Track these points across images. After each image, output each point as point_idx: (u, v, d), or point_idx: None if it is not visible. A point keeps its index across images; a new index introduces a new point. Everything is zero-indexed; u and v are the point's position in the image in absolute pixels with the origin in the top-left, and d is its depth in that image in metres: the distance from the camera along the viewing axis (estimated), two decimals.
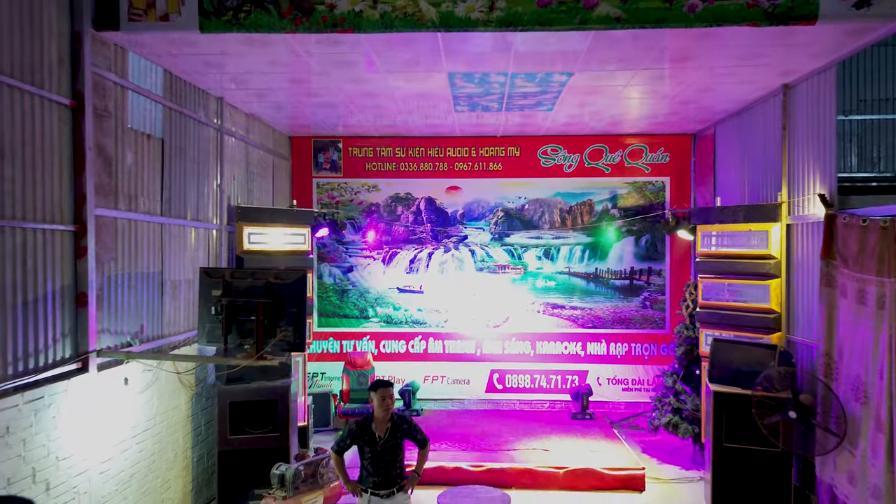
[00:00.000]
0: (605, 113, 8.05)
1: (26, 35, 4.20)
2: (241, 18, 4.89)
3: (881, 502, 4.82)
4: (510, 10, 4.77)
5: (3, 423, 3.87)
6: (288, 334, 4.59)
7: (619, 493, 6.75)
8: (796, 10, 4.69)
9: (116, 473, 4.97)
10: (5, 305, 3.97)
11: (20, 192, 4.13)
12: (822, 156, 5.94)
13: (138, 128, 5.55)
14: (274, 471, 5.72)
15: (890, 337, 4.79)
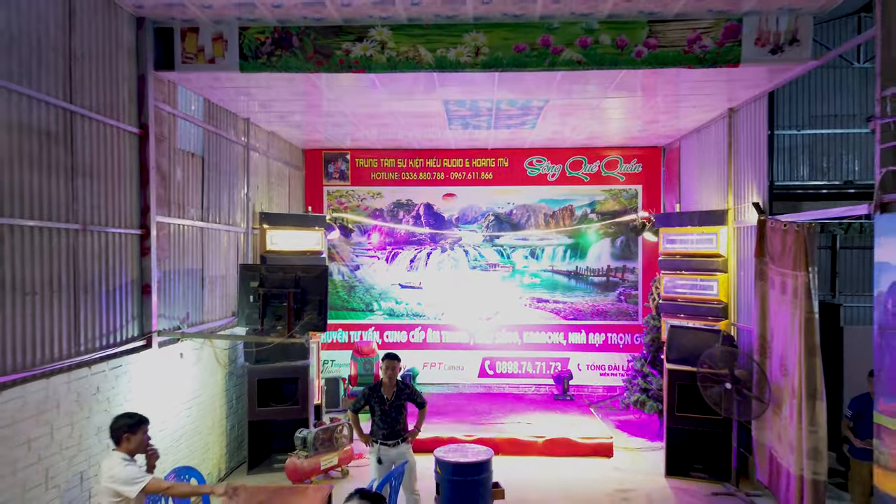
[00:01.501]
0: (584, 128, 9.14)
1: (108, 80, 5.31)
2: (273, 61, 6.00)
3: (794, 454, 5.93)
4: (492, 55, 5.88)
5: (95, 384, 4.97)
6: (313, 317, 5.69)
7: (590, 458, 7.84)
8: (723, 56, 5.81)
9: (171, 432, 6.07)
10: (95, 294, 5.08)
11: (103, 204, 5.23)
12: (758, 169, 7.05)
13: (185, 148, 6.66)
14: (297, 434, 6.83)
15: (800, 320, 5.90)
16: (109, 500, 3.79)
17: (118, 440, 3.95)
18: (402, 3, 5.40)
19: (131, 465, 3.84)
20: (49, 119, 4.59)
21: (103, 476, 3.84)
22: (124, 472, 3.78)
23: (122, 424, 3.98)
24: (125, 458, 3.88)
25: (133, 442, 3.95)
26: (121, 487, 3.75)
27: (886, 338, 4.85)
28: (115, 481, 3.76)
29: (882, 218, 4.91)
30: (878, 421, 4.94)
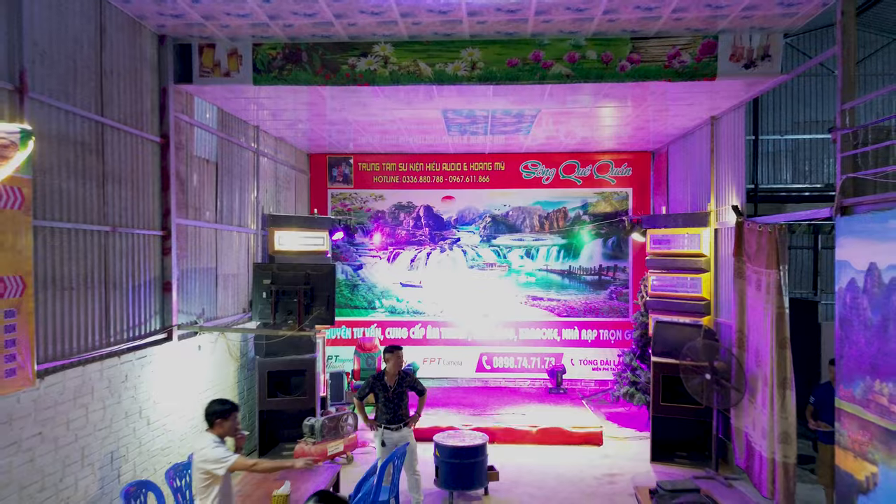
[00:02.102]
0: (577, 134, 9.60)
1: (134, 93, 5.78)
2: (284, 75, 6.47)
3: (766, 439, 6.40)
4: (487, 69, 6.35)
5: (124, 372, 5.44)
6: (321, 312, 6.16)
7: (581, 447, 8.30)
8: (700, 70, 6.28)
9: (190, 419, 6.54)
10: (123, 290, 5.54)
11: (129, 207, 5.70)
12: (736, 174, 7.51)
13: (200, 155, 7.12)
14: (305, 422, 7.29)
15: (772, 315, 6.36)
16: (200, 477, 4.21)
17: (211, 424, 4.34)
18: (403, 21, 5.87)
19: (220, 447, 4.23)
20: (83, 130, 5.06)
21: (195, 456, 4.25)
22: (213, 453, 4.20)
23: (215, 410, 4.38)
24: (215, 441, 4.28)
25: (224, 426, 4.35)
26: (210, 466, 4.18)
27: (846, 330, 5.33)
28: (206, 461, 4.18)
29: (842, 220, 5.38)
30: (839, 406, 5.41)
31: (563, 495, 6.68)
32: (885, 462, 4.78)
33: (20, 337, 4.22)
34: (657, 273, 8.75)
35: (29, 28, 4.41)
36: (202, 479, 4.19)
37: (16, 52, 4.33)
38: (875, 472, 4.91)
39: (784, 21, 5.92)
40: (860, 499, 5.10)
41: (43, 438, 4.47)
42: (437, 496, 6.55)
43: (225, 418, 4.35)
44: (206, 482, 4.19)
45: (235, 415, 4.44)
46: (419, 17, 5.76)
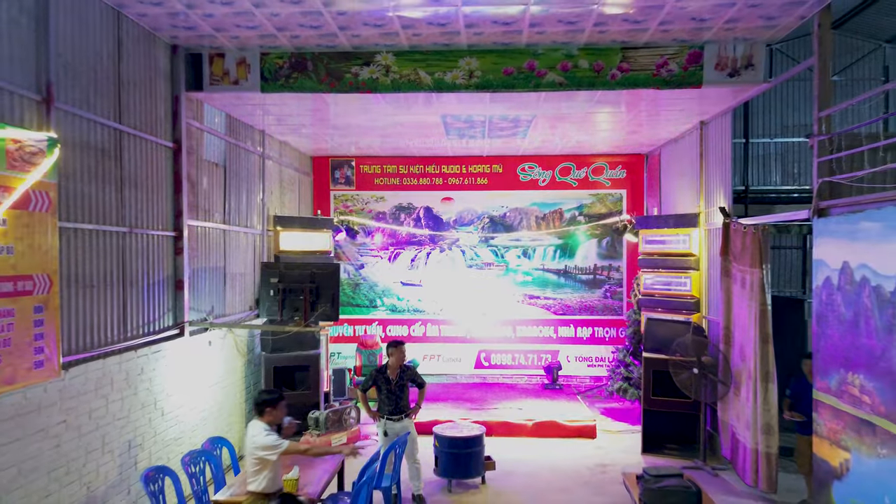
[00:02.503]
0: (572, 137, 9.91)
1: (149, 102, 6.09)
2: (290, 83, 6.78)
3: (750, 430, 6.71)
4: (483, 77, 6.67)
5: (140, 365, 5.75)
6: (326, 309, 6.47)
7: (575, 439, 8.61)
8: (687, 79, 6.59)
9: (200, 411, 6.85)
10: (139, 287, 5.86)
11: (145, 209, 6.01)
12: (724, 176, 7.82)
13: (210, 159, 7.43)
14: (310, 415, 7.60)
15: (756, 311, 6.68)
16: (252, 461, 4.52)
17: (261, 412, 4.65)
18: (404, 33, 6.18)
19: (271, 434, 4.56)
20: (103, 137, 5.37)
21: (247, 442, 4.56)
22: (266, 440, 4.52)
23: (265, 399, 4.69)
24: (266, 428, 4.60)
25: (274, 414, 4.67)
26: (262, 453, 4.50)
27: (822, 326, 5.64)
28: (258, 448, 4.51)
29: (819, 222, 5.69)
30: (816, 397, 5.72)
31: (557, 484, 6.99)
32: (857, 449, 5.09)
33: (47, 331, 4.54)
34: (649, 272, 9.06)
35: (55, 43, 4.72)
36: (254, 463, 4.52)
37: (43, 65, 4.64)
38: (848, 458, 5.23)
39: (766, 32, 6.23)
40: (835, 484, 5.42)
41: (68, 426, 4.78)
42: (437, 484, 6.86)
43: (274, 406, 4.67)
44: (258, 466, 4.53)
45: (283, 403, 4.75)
46: (419, 29, 6.07)
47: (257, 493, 4.56)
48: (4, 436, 4.18)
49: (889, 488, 4.66)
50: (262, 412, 4.66)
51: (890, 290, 4.65)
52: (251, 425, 4.69)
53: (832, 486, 5.48)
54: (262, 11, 5.62)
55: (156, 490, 4.84)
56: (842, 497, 5.32)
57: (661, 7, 5.56)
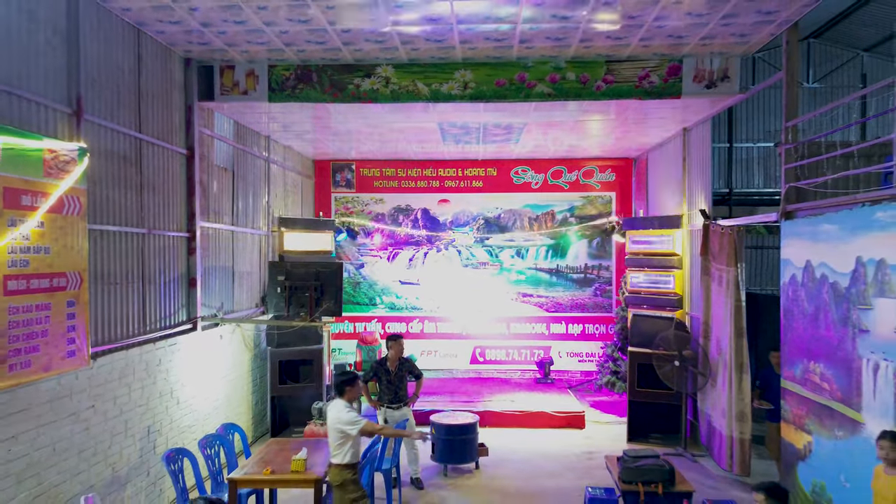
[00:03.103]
0: (564, 141, 10.36)
1: (165, 112, 6.53)
2: (296, 93, 7.22)
3: (725, 418, 7.18)
4: (477, 88, 7.12)
5: (158, 357, 6.20)
6: (330, 305, 6.92)
7: (565, 429, 9.06)
8: (667, 90, 7.05)
9: (212, 401, 7.30)
10: (156, 285, 6.30)
11: (161, 212, 6.45)
12: (704, 180, 8.29)
13: (219, 164, 7.88)
14: (314, 406, 8.03)
15: (731, 307, 7.15)
16: (336, 436, 4.98)
17: (342, 392, 5.13)
18: (403, 48, 6.63)
19: (352, 411, 5.03)
20: (125, 146, 5.81)
21: (331, 419, 5.03)
22: (347, 416, 4.99)
23: (343, 380, 5.17)
24: (346, 406, 5.08)
25: (352, 392, 5.14)
26: (345, 427, 4.96)
27: (788, 319, 6.12)
28: (341, 423, 4.96)
29: (786, 223, 6.17)
30: (784, 386, 6.20)
31: (547, 469, 7.45)
32: (818, 431, 5.57)
33: (78, 323, 4.98)
34: (635, 271, 9.53)
35: (84, 60, 5.16)
36: (338, 437, 4.97)
37: (74, 80, 5.08)
38: (810, 441, 5.71)
39: (739, 47, 6.70)
40: (800, 465, 5.90)
41: (95, 411, 5.23)
42: (434, 469, 7.31)
43: (352, 386, 5.15)
44: (341, 440, 4.98)
45: (359, 383, 5.23)
46: (417, 45, 6.53)
47: (342, 464, 5.01)
48: (42, 418, 4.62)
49: (844, 467, 5.13)
50: (343, 391, 5.14)
51: (844, 286, 5.13)
52: (333, 404, 5.13)
53: (797, 468, 5.95)
54: (272, 29, 6.07)
55: (176, 469, 5.29)
56: (805, 477, 5.80)
57: (640, 25, 6.02)
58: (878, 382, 4.69)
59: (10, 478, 4.32)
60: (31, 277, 4.50)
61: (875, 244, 4.73)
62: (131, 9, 5.57)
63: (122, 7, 5.53)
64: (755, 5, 5.57)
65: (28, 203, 4.47)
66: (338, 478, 4.99)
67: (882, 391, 4.65)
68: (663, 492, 5.25)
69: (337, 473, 5.00)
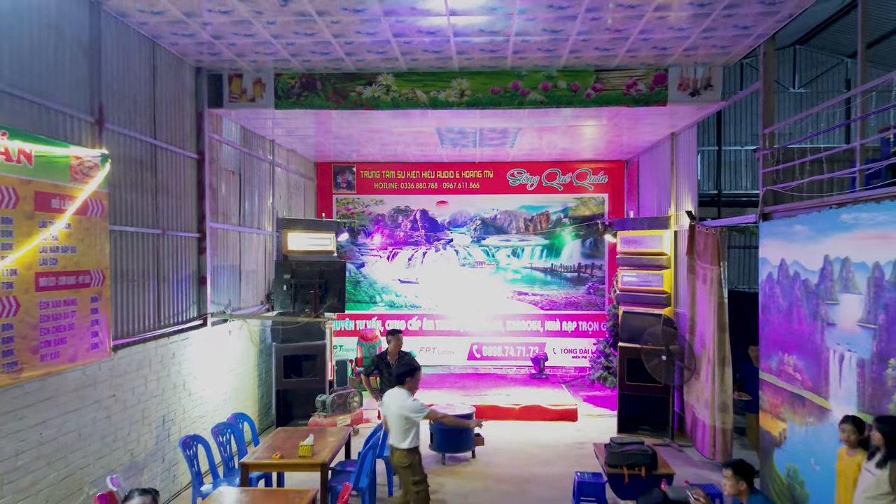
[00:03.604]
0: (558, 145, 10.73)
1: (177, 119, 6.90)
2: (301, 100, 7.59)
3: (708, 409, 7.56)
4: (473, 96, 7.50)
5: (172, 350, 6.56)
6: (334, 302, 7.30)
7: (558, 422, 9.44)
8: (653, 98, 7.43)
9: (221, 394, 7.66)
10: (170, 282, 6.66)
11: (174, 214, 6.82)
12: (691, 183, 8.67)
13: (227, 167, 8.24)
14: (318, 399, 8.42)
15: (714, 304, 7.52)
16: (401, 423, 5.33)
17: (402, 382, 5.51)
18: (403, 58, 7.01)
19: (415, 400, 5.42)
20: (141, 152, 6.18)
21: (393, 406, 5.40)
22: (412, 404, 5.37)
23: (405, 371, 5.58)
24: (408, 394, 5.45)
25: (412, 383, 5.52)
26: (411, 414, 5.34)
27: (765, 315, 6.50)
28: (406, 410, 5.34)
29: (764, 224, 6.55)
30: (762, 377, 6.58)
31: (539, 458, 7.83)
32: (791, 419, 5.95)
33: (101, 317, 5.35)
34: (626, 270, 9.90)
35: (105, 71, 5.53)
36: (403, 423, 5.34)
37: (96, 91, 5.45)
38: (785, 428, 6.09)
39: (721, 58, 7.08)
40: (776, 451, 6.28)
41: (116, 400, 5.60)
42: (432, 458, 7.68)
43: (412, 376, 5.54)
44: (407, 426, 5.36)
45: (419, 374, 5.63)
46: (416, 56, 6.90)
47: (407, 448, 5.39)
48: (68, 405, 4.99)
49: (814, 451, 5.51)
50: (403, 381, 5.53)
51: (814, 283, 5.51)
52: (396, 393, 5.49)
53: (774, 454, 6.33)
54: (280, 41, 6.44)
55: (191, 454, 5.66)
56: (781, 462, 6.18)
57: (626, 38, 6.40)
58: (843, 372, 5.07)
59: (42, 459, 4.68)
60: (60, 275, 4.87)
61: (840, 244, 5.11)
62: (148, 23, 5.94)
63: (139, 21, 5.89)
64: (732, 20, 5.95)
65: (57, 206, 4.84)
66: (405, 460, 5.39)
67: (846, 379, 5.03)
68: (646, 475, 5.63)
69: (403, 456, 5.39)
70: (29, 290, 4.54)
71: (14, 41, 4.54)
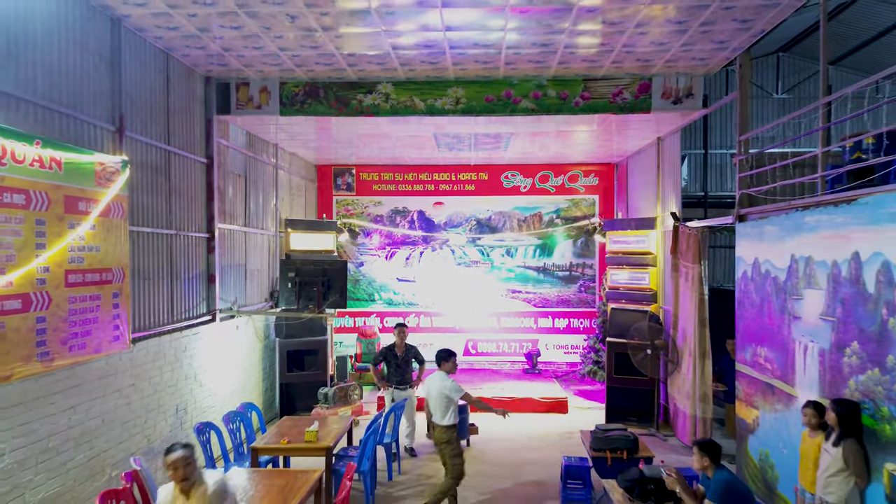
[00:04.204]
0: (550, 148, 11.16)
1: (189, 125, 7.31)
2: (305, 107, 8.01)
3: (689, 400, 8.01)
4: (468, 104, 7.92)
5: (184, 344, 6.97)
6: (336, 299, 7.71)
7: (549, 414, 9.88)
8: (637, 106, 7.87)
9: (229, 386, 8.08)
10: (182, 280, 7.07)
11: (185, 215, 7.23)
12: (675, 185, 9.11)
13: (233, 171, 8.65)
14: (321, 391, 8.83)
15: (695, 300, 7.97)
16: (441, 402, 5.89)
17: (440, 363, 6.10)
18: (402, 68, 7.43)
19: (454, 382, 5.95)
20: (157, 157, 6.59)
21: (434, 387, 5.98)
22: (450, 384, 5.94)
23: (443, 355, 6.14)
24: (447, 375, 6.02)
25: (448, 365, 6.09)
26: (451, 394, 5.90)
27: (741, 310, 6.94)
28: (445, 389, 5.90)
29: (739, 226, 6.99)
30: (738, 369, 7.03)
31: (530, 446, 8.26)
32: (763, 406, 6.39)
33: (121, 312, 5.76)
34: (615, 268, 10.35)
35: (124, 83, 5.94)
36: (443, 402, 5.89)
37: (117, 101, 5.86)
38: (758, 415, 6.53)
39: (701, 69, 7.52)
40: (750, 437, 6.72)
41: (135, 389, 6.01)
42: (429, 445, 8.10)
43: (447, 360, 6.11)
44: (446, 404, 5.91)
45: (454, 358, 6.18)
46: (414, 66, 7.33)
47: (447, 425, 5.94)
48: (94, 392, 5.40)
49: (783, 436, 5.96)
50: (441, 363, 6.12)
51: (783, 280, 5.95)
52: (436, 376, 6.08)
53: (748, 440, 6.78)
54: (286, 53, 6.85)
55: (204, 440, 6.07)
56: (754, 447, 6.62)
57: (611, 51, 6.84)
58: (807, 361, 5.52)
59: (71, 442, 5.09)
60: (86, 272, 5.28)
61: (805, 244, 5.55)
62: (163, 37, 6.35)
63: (155, 36, 6.30)
64: (709, 36, 6.39)
65: (83, 208, 5.25)
66: (444, 436, 5.94)
67: (810, 368, 5.47)
68: (627, 457, 6.07)
69: (443, 432, 5.94)
70: (59, 286, 4.95)
71: (45, 58, 4.95)
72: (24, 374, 4.57)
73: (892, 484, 4.32)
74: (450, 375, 6.05)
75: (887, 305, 4.37)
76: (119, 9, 5.64)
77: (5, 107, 4.52)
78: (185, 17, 5.83)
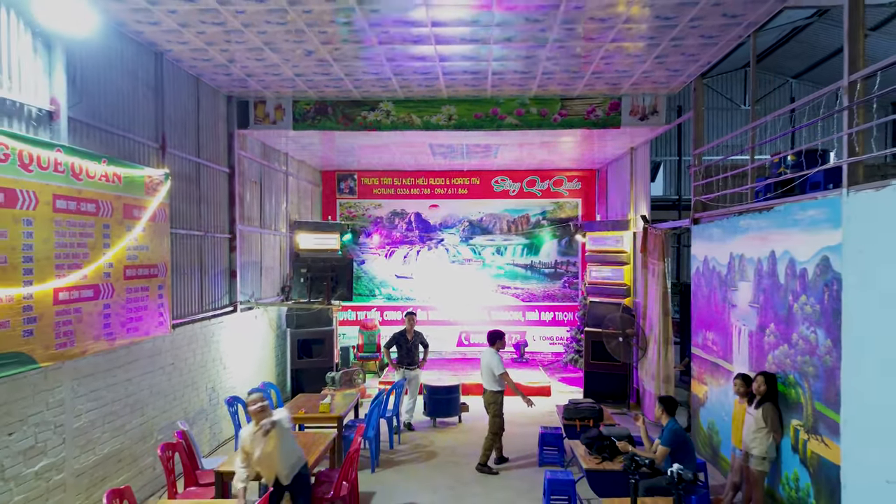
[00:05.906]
0: (537, 156, 12.20)
1: (214, 140, 8.35)
2: (315, 123, 9.05)
3: (654, 381, 9.09)
4: (460, 120, 8.98)
5: (212, 331, 8.01)
6: (343, 292, 8.76)
7: (534, 397, 10.89)
8: (609, 122, 8.94)
9: (248, 369, 9.12)
10: (209, 275, 8.11)
11: (212, 219, 8.26)
12: (645, 190, 10.17)
13: (250, 178, 9.68)
14: (328, 375, 9.87)
15: (660, 293, 9.04)
16: (489, 373, 7.21)
17: (492, 343, 7.38)
18: (401, 90, 8.47)
19: (500, 359, 7.22)
20: (189, 169, 7.62)
21: (486, 361, 7.33)
22: (497, 361, 7.27)
23: (495, 335, 7.44)
24: (495, 352, 7.29)
25: (499, 344, 7.40)
26: (494, 368, 7.20)
27: (695, 301, 8.01)
28: (492, 364, 7.23)
29: (694, 228, 8.06)
30: (693, 352, 8.10)
31: (517, 422, 9.31)
32: (710, 382, 7.47)
33: (164, 301, 6.80)
34: (594, 266, 11.41)
35: (165, 106, 6.98)
36: (491, 373, 7.22)
37: (160, 122, 6.89)
38: (707, 390, 7.61)
39: (663, 89, 8.59)
40: (701, 410, 7.80)
41: (175, 367, 7.05)
42: (426, 422, 9.18)
43: (499, 339, 7.45)
44: (491, 375, 7.22)
45: (504, 337, 7.52)
46: (411, 87, 8.38)
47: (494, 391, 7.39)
48: (145, 367, 6.44)
49: (724, 406, 7.03)
50: (493, 343, 7.42)
51: (724, 274, 7.03)
52: (488, 352, 7.46)
53: (700, 413, 7.86)
54: (300, 78, 7.90)
55: (233, 411, 7.12)
56: (704, 418, 7.70)
57: (581, 77, 7.90)
58: (741, 341, 6.59)
59: (127, 408, 6.14)
60: (138, 267, 6.32)
61: (739, 244, 6.63)
62: (196, 66, 7.39)
63: (189, 65, 7.34)
64: (665, 65, 7.46)
65: (136, 215, 6.29)
66: (490, 399, 7.45)
67: (742, 347, 6.55)
68: (593, 424, 7.13)
69: (490, 396, 7.43)
70: (119, 279, 5.99)
71: (108, 88, 5.99)
72: (94, 350, 5.61)
73: (796, 436, 5.40)
74: (499, 352, 7.34)
75: (792, 293, 5.44)
76: (163, 45, 6.68)
77: (81, 133, 5.57)
78: (219, 52, 6.87)
